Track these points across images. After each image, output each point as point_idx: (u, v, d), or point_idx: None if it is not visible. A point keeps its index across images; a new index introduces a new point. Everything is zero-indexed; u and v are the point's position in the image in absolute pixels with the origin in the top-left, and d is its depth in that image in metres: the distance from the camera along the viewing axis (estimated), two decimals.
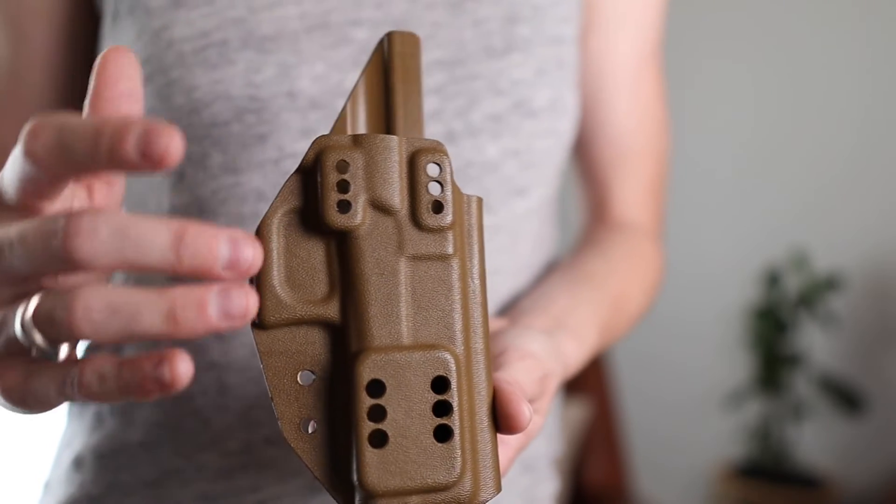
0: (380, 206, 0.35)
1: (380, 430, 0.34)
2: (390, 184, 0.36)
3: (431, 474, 0.34)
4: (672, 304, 2.36)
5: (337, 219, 0.35)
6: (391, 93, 0.41)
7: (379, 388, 0.34)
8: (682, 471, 2.39)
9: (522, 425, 0.35)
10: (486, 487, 0.36)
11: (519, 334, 0.42)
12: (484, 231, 0.50)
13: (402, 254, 0.36)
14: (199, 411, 0.53)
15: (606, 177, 0.67)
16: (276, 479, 0.53)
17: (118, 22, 0.54)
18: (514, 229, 0.57)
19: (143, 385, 0.30)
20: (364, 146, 0.36)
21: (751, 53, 2.25)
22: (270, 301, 0.35)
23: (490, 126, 0.54)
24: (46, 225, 0.29)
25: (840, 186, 2.19)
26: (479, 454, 0.36)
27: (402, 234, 0.36)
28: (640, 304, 0.64)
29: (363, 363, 0.34)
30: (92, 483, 0.57)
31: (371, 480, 0.33)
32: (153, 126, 0.28)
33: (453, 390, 0.35)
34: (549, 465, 0.65)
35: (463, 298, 0.37)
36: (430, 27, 0.54)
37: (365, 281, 0.35)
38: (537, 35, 0.56)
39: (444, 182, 0.36)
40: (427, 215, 0.36)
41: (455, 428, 0.34)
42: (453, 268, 0.36)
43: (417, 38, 0.42)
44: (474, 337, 0.37)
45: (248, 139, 0.51)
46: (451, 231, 0.36)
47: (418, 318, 0.36)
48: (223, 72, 0.51)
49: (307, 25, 0.52)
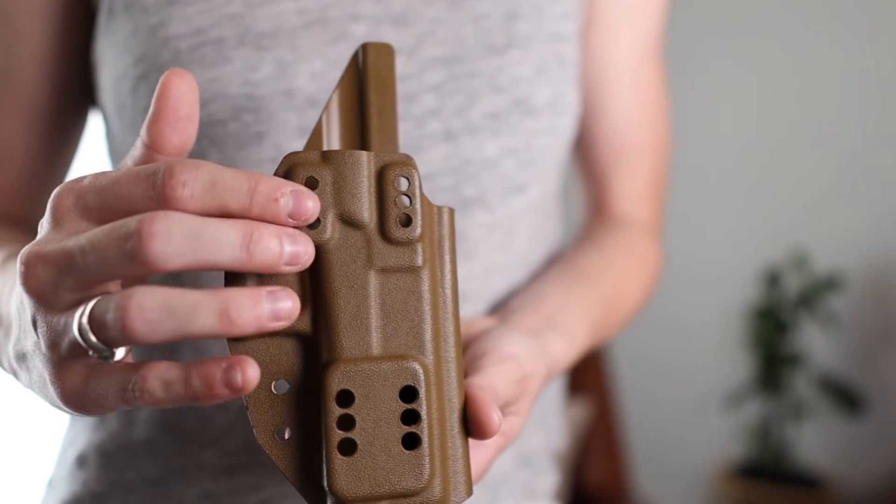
0: (349, 221, 0.36)
1: (349, 439, 0.35)
2: (359, 199, 0.36)
3: (400, 481, 0.35)
4: (672, 304, 2.37)
5: (307, 234, 0.35)
6: (366, 104, 0.42)
7: (348, 398, 0.35)
8: (682, 471, 2.39)
9: (492, 431, 0.36)
10: (457, 492, 0.37)
11: (501, 336, 0.43)
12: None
13: (371, 267, 0.36)
14: (200, 410, 0.53)
15: (606, 172, 0.67)
16: (278, 478, 0.53)
17: (113, 19, 0.54)
18: (511, 226, 0.57)
19: (212, 390, 0.31)
20: (333, 162, 0.36)
21: (752, 54, 2.25)
22: None
23: (489, 124, 0.54)
24: (119, 229, 0.30)
25: (840, 186, 2.19)
26: (450, 460, 0.37)
27: (371, 248, 0.36)
28: (637, 300, 0.64)
29: (332, 374, 0.35)
30: (95, 481, 0.57)
31: (340, 487, 0.34)
32: (301, 190, 0.33)
33: (421, 399, 0.36)
34: (549, 459, 0.65)
35: (433, 309, 0.37)
36: (429, 23, 0.53)
37: (335, 294, 0.36)
38: (537, 32, 0.56)
39: (413, 195, 0.37)
40: (395, 229, 0.37)
41: (423, 436, 0.35)
42: (423, 279, 0.37)
43: (392, 49, 0.43)
44: (445, 346, 0.38)
45: (245, 138, 0.51)
46: (420, 243, 0.37)
47: (388, 330, 0.36)
48: (220, 70, 0.50)
49: (305, 21, 0.51)
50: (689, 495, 2.39)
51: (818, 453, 2.23)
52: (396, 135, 0.42)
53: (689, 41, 2.30)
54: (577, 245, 0.63)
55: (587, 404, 1.65)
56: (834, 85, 2.18)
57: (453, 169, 0.54)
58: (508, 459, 0.60)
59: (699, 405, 2.36)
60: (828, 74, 2.18)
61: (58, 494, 0.59)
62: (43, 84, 0.58)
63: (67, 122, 0.60)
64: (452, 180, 0.54)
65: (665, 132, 0.69)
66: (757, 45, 2.24)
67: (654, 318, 2.39)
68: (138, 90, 0.53)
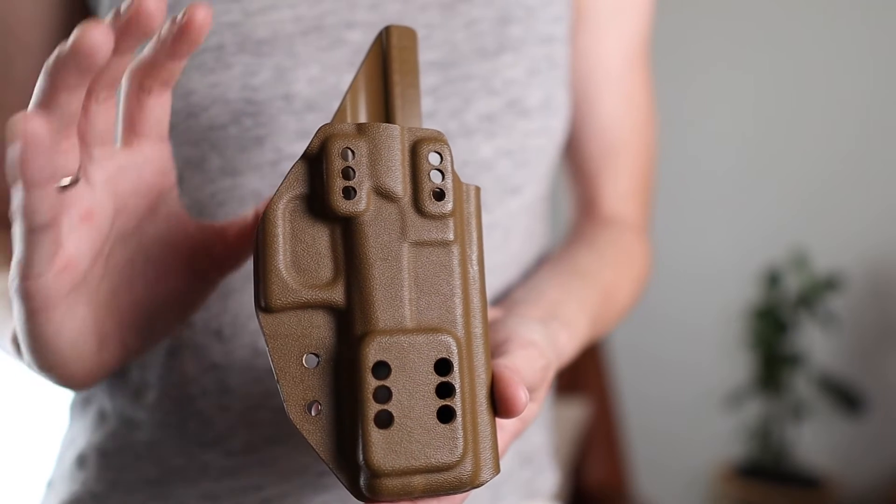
0: (383, 193, 0.36)
1: (385, 411, 0.34)
2: (393, 171, 0.36)
3: (435, 454, 0.35)
4: (672, 304, 2.37)
5: (342, 205, 0.35)
6: (389, 85, 0.42)
7: (384, 369, 0.35)
8: (682, 471, 2.40)
9: (518, 409, 0.36)
10: (486, 468, 0.36)
11: (519, 323, 0.43)
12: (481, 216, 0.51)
13: (405, 239, 0.36)
14: (201, 412, 0.54)
15: (595, 172, 0.68)
16: (279, 477, 0.53)
17: None
18: (508, 226, 0.57)
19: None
20: (368, 134, 0.36)
21: (751, 54, 2.25)
22: (276, 284, 0.35)
23: (484, 126, 0.55)
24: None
25: (840, 186, 2.19)
26: (480, 436, 0.36)
27: (404, 221, 0.36)
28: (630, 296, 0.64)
29: (369, 345, 0.34)
30: (95, 481, 0.57)
31: (377, 460, 0.34)
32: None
33: (455, 373, 0.35)
34: (549, 458, 0.65)
35: (463, 284, 0.37)
36: (423, 29, 0.54)
37: (369, 265, 0.36)
38: (529, 35, 0.57)
39: (445, 171, 0.37)
40: (429, 202, 0.37)
41: (457, 409, 0.35)
42: (454, 254, 0.37)
43: (414, 33, 0.43)
44: (474, 321, 0.38)
45: (245, 142, 0.51)
46: (451, 218, 0.37)
47: (421, 303, 0.36)
48: (220, 75, 0.51)
49: (302, 28, 0.52)
50: (689, 495, 2.39)
51: (818, 453, 2.23)
52: (420, 116, 0.43)
53: (689, 42, 2.30)
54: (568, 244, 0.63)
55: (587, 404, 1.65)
56: (834, 85, 2.18)
57: None
58: (510, 458, 0.60)
59: (699, 405, 2.36)
60: (828, 74, 2.18)
61: (57, 495, 0.59)
62: None
63: None
64: None
65: (652, 132, 0.70)
66: (757, 46, 2.24)
67: (655, 318, 2.39)
68: None
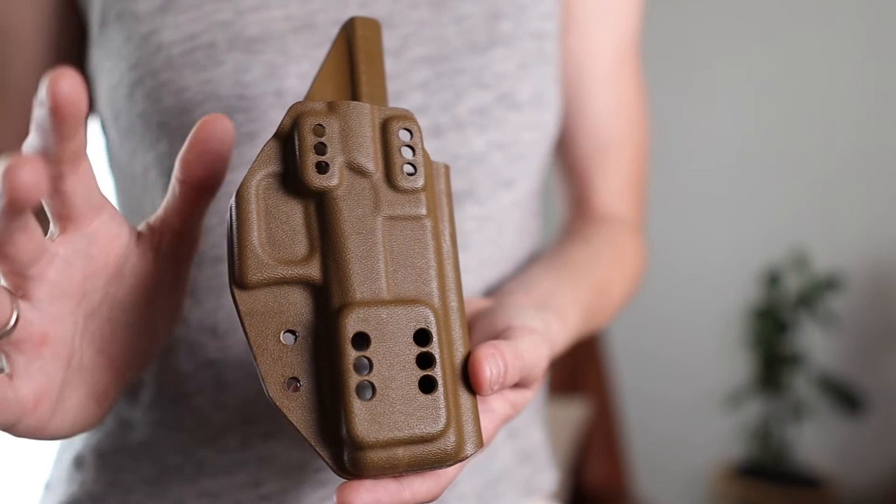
0: (356, 169, 0.37)
1: (366, 382, 0.34)
2: (365, 147, 0.37)
3: (418, 424, 0.34)
4: (672, 304, 2.37)
5: (315, 179, 0.36)
6: (356, 73, 0.42)
7: (364, 340, 0.35)
8: (682, 471, 2.39)
9: (481, 383, 0.36)
10: (470, 441, 0.36)
11: (516, 310, 0.43)
12: (471, 217, 0.52)
13: (378, 213, 0.37)
14: (197, 410, 0.54)
15: (587, 170, 0.68)
16: (277, 474, 0.53)
17: (106, 29, 0.55)
18: (501, 220, 0.58)
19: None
20: (339, 112, 0.37)
21: (751, 54, 2.25)
22: (251, 260, 0.35)
23: (476, 119, 0.55)
24: None
25: (840, 186, 2.19)
26: (461, 408, 0.36)
27: (378, 195, 0.37)
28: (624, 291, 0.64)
29: (347, 316, 0.34)
30: (93, 482, 0.57)
31: (360, 431, 0.33)
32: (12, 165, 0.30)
33: (435, 343, 0.35)
34: (547, 455, 0.65)
35: (437, 258, 0.38)
36: (413, 25, 0.55)
37: (344, 238, 0.36)
38: (519, 30, 0.58)
39: (416, 147, 0.38)
40: (401, 177, 0.37)
41: (439, 379, 0.35)
42: (427, 228, 0.38)
43: (378, 24, 0.44)
44: (450, 295, 0.38)
45: (238, 138, 0.52)
46: (423, 193, 0.38)
47: (397, 276, 0.36)
48: (212, 73, 0.51)
49: (293, 26, 0.53)
50: (689, 495, 2.39)
51: (818, 453, 2.23)
52: (387, 102, 0.43)
53: (689, 41, 2.30)
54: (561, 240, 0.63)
55: (587, 404, 1.65)
56: (834, 85, 2.18)
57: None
58: (509, 456, 0.60)
59: (699, 405, 2.36)
60: (828, 74, 2.18)
61: (55, 496, 0.59)
62: None
63: None
64: None
65: (644, 130, 0.71)
66: (757, 46, 2.24)
67: (655, 318, 2.39)
68: (133, 96, 0.54)
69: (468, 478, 0.56)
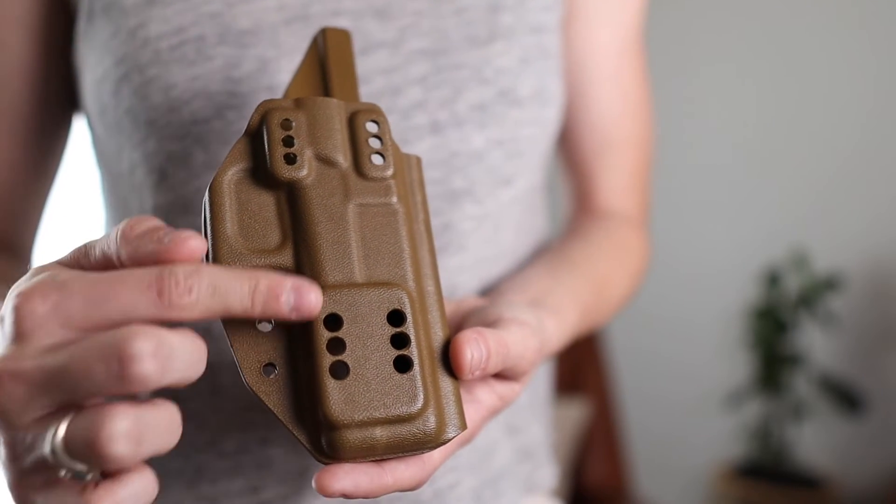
0: (325, 160, 0.38)
1: (340, 362, 0.34)
2: (333, 138, 0.38)
3: (394, 404, 0.34)
4: (672, 304, 2.36)
5: (285, 171, 0.37)
6: (327, 77, 0.43)
7: (336, 321, 0.35)
8: (682, 471, 2.39)
9: (462, 366, 0.36)
10: (452, 425, 0.36)
11: (509, 305, 0.43)
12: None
13: (349, 201, 0.37)
14: (195, 414, 0.53)
15: (590, 166, 0.67)
16: (276, 480, 0.53)
17: (93, 22, 0.53)
18: (499, 218, 0.57)
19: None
20: (306, 106, 0.38)
21: (751, 53, 2.25)
22: (224, 250, 0.36)
23: (476, 116, 0.54)
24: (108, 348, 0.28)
25: (840, 186, 2.19)
26: (442, 392, 0.36)
27: (347, 184, 0.38)
28: (625, 288, 0.64)
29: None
30: None
31: (335, 411, 0.34)
32: (301, 283, 0.32)
33: (409, 324, 0.36)
34: (548, 452, 0.65)
35: (411, 244, 0.38)
36: (411, 16, 0.53)
37: (315, 225, 0.36)
38: (520, 23, 0.56)
39: (383, 136, 0.39)
40: (370, 166, 0.38)
41: (414, 359, 0.35)
42: (399, 214, 0.38)
43: (348, 33, 0.45)
44: (426, 280, 0.39)
45: (229, 135, 0.51)
46: (393, 181, 0.39)
47: (369, 261, 0.37)
48: (201, 68, 0.50)
49: (286, 17, 0.51)
50: (689, 495, 2.39)
51: (818, 453, 2.23)
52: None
53: (688, 40, 2.30)
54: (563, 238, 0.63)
55: (587, 404, 1.65)
56: (834, 85, 2.18)
57: (441, 161, 0.53)
58: (510, 453, 0.60)
59: (699, 405, 2.36)
60: (828, 74, 2.18)
61: None
62: (25, 92, 0.57)
63: (51, 131, 0.60)
64: (441, 173, 0.54)
65: (647, 125, 0.70)
66: (757, 45, 2.24)
67: (655, 318, 2.39)
68: (119, 92, 0.52)
69: (467, 476, 0.56)
